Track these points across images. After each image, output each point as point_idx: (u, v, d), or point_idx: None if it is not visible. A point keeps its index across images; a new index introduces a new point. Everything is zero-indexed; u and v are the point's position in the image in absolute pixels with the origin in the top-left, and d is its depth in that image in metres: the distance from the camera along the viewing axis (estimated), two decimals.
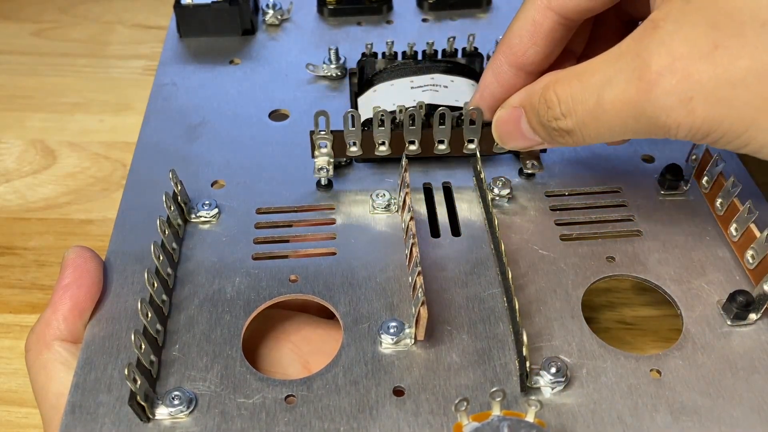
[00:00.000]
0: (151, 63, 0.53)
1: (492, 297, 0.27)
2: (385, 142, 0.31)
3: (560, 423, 0.23)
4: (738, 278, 0.27)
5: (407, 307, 0.27)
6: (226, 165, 0.33)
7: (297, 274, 0.28)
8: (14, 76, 0.52)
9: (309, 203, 0.31)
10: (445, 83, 0.34)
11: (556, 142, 0.26)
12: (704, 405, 0.24)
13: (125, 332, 0.26)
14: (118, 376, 0.25)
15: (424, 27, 0.42)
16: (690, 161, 0.31)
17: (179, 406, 0.24)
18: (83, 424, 0.23)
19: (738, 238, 0.27)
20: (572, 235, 0.29)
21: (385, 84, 0.35)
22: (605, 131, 0.24)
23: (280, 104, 0.37)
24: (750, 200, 0.27)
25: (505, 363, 0.25)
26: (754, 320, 0.26)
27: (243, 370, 0.25)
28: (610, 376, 0.25)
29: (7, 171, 0.46)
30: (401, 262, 0.28)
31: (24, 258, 0.41)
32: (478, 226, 0.30)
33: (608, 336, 0.30)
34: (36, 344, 0.25)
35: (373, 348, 0.26)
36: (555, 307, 0.27)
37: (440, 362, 0.25)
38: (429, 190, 0.32)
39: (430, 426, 0.23)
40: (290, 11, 0.43)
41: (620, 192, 0.31)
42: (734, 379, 0.24)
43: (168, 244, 0.28)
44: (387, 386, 0.24)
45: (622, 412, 0.24)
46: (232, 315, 0.27)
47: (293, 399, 0.24)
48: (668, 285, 0.27)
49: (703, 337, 0.26)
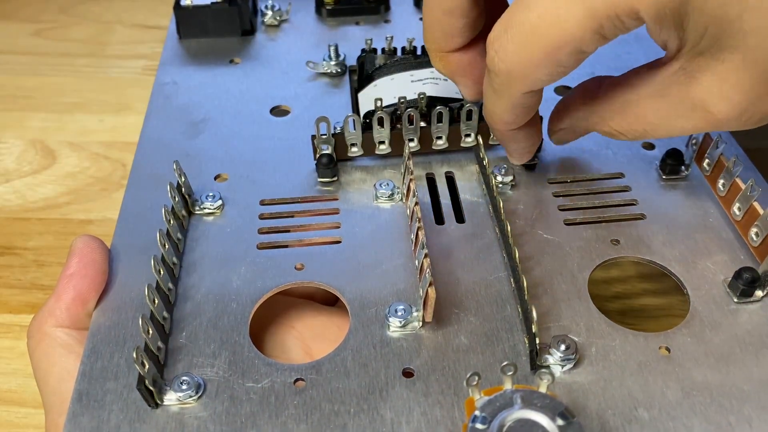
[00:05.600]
0: (151, 63, 0.53)
1: (498, 281, 0.27)
2: (385, 141, 0.32)
3: (572, 400, 0.23)
4: (743, 258, 0.28)
5: (414, 292, 0.27)
6: (229, 159, 0.33)
7: (302, 262, 0.28)
8: (14, 76, 0.53)
9: (312, 194, 0.31)
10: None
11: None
12: (714, 380, 0.24)
13: (131, 322, 0.26)
14: (125, 364, 0.24)
15: (421, 25, 0.42)
16: (690, 146, 0.31)
17: (188, 391, 0.23)
18: (91, 411, 0.23)
19: (741, 217, 0.28)
20: (576, 220, 0.30)
21: (386, 78, 0.35)
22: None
23: (281, 101, 0.37)
24: (752, 179, 0.27)
25: (514, 344, 0.25)
26: (761, 297, 0.26)
27: (251, 356, 0.25)
28: (620, 354, 0.25)
29: (7, 171, 0.45)
30: (406, 249, 0.28)
31: (24, 258, 0.40)
32: (481, 212, 0.30)
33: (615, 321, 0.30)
34: (38, 332, 0.25)
35: (381, 332, 0.25)
36: (561, 288, 0.27)
37: (449, 344, 0.25)
38: (432, 180, 0.32)
39: (440, 406, 0.23)
40: (289, 12, 0.43)
41: (622, 178, 0.31)
42: (743, 354, 0.24)
43: (173, 233, 0.28)
44: (396, 368, 0.24)
45: (633, 388, 0.23)
46: (238, 303, 0.27)
47: (302, 383, 0.24)
48: (673, 266, 0.28)
49: (710, 315, 0.26)
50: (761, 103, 0.22)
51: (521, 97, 0.26)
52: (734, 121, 0.23)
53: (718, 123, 0.23)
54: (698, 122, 0.24)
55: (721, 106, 0.23)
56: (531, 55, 0.23)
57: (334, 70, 0.38)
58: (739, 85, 0.22)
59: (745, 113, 0.23)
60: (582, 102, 0.28)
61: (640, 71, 0.25)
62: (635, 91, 0.25)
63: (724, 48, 0.22)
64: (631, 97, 0.25)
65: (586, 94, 0.28)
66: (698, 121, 0.24)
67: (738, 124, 0.23)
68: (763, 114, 0.23)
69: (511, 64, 0.24)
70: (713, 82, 0.23)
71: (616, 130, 0.26)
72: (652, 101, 0.25)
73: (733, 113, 0.23)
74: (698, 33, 0.22)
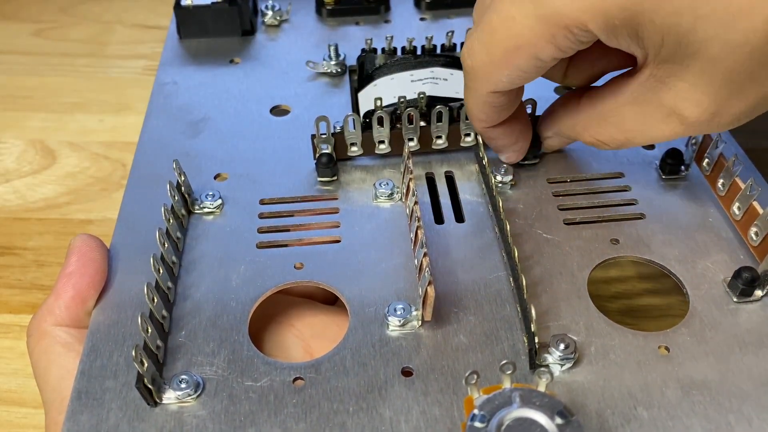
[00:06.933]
0: (151, 63, 0.53)
1: (498, 280, 0.27)
2: (384, 141, 0.32)
3: (571, 399, 0.23)
4: (742, 257, 0.27)
5: (413, 291, 0.27)
6: (229, 158, 0.33)
7: (302, 262, 0.28)
8: (14, 76, 0.53)
9: (312, 193, 0.31)
10: (445, 76, 0.34)
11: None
12: (714, 379, 0.24)
13: (130, 320, 0.26)
14: (124, 363, 0.24)
15: (421, 26, 0.42)
16: (690, 145, 0.31)
17: (186, 389, 0.23)
18: (90, 409, 0.23)
19: (741, 216, 0.28)
20: (576, 219, 0.30)
21: (386, 78, 0.35)
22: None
23: (281, 101, 0.37)
24: (752, 178, 0.27)
25: (513, 343, 0.25)
26: (760, 297, 0.26)
27: (250, 355, 0.25)
28: (619, 353, 0.25)
29: (7, 171, 0.46)
30: (406, 249, 0.28)
31: (23, 258, 0.40)
32: (481, 212, 0.30)
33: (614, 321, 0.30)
34: (37, 330, 0.25)
35: (380, 330, 0.25)
36: (561, 288, 0.27)
37: (448, 343, 0.25)
38: (432, 179, 0.32)
39: (439, 404, 0.23)
40: (289, 12, 0.43)
41: (622, 177, 0.31)
42: (743, 353, 0.24)
43: (173, 232, 0.28)
44: (395, 367, 0.24)
45: (633, 387, 0.23)
46: (237, 301, 0.27)
47: (301, 381, 0.24)
48: (673, 265, 0.28)
49: (710, 314, 0.26)
50: (729, 105, 0.23)
51: (488, 95, 0.26)
52: (706, 124, 0.23)
53: (692, 127, 0.24)
54: (674, 127, 0.24)
55: (692, 109, 0.23)
56: (491, 56, 0.24)
57: (334, 70, 0.38)
58: (707, 90, 0.22)
59: (715, 116, 0.23)
60: (564, 112, 0.29)
61: (617, 80, 0.26)
62: (614, 99, 0.26)
63: (686, 55, 0.22)
64: (610, 106, 0.26)
65: (569, 105, 0.29)
66: (674, 126, 0.24)
67: (710, 127, 0.24)
68: (733, 116, 0.23)
69: (475, 63, 0.25)
70: (682, 86, 0.23)
71: (597, 140, 0.27)
72: (629, 108, 0.25)
73: (703, 116, 0.23)
74: (656, 43, 0.22)
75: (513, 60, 0.24)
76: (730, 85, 0.22)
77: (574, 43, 0.23)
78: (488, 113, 0.28)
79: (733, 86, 0.22)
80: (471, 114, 0.29)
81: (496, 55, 0.24)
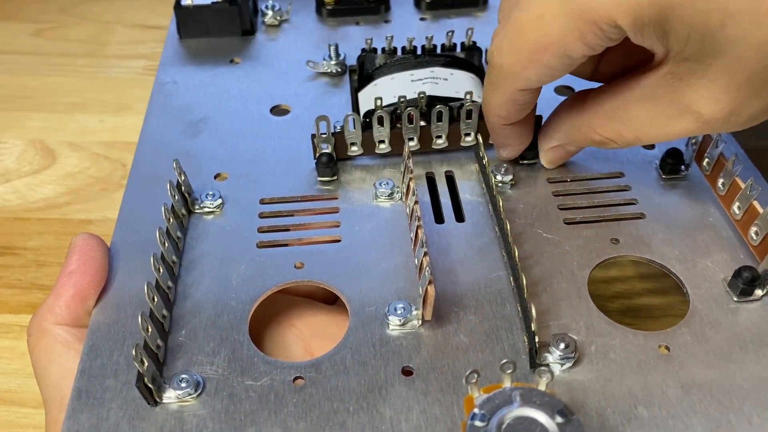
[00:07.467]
0: (151, 63, 0.53)
1: (498, 279, 0.27)
2: (384, 141, 0.32)
3: (571, 398, 0.23)
4: (743, 257, 0.27)
5: (413, 291, 0.27)
6: (229, 158, 0.33)
7: (302, 261, 0.28)
8: (14, 76, 0.53)
9: (312, 193, 0.31)
10: (445, 76, 0.34)
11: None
12: (714, 378, 0.24)
13: (131, 320, 0.26)
14: (124, 362, 0.24)
15: (422, 26, 0.42)
16: (690, 145, 0.31)
17: (187, 388, 0.23)
18: (90, 408, 0.23)
19: (741, 216, 0.28)
20: (576, 219, 0.30)
21: (386, 78, 0.35)
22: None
23: (281, 100, 0.37)
24: (752, 177, 0.27)
25: (514, 342, 0.25)
26: (761, 296, 0.26)
27: (251, 354, 0.25)
28: (619, 353, 0.25)
29: (7, 171, 0.46)
30: (406, 248, 0.28)
31: (23, 258, 0.40)
32: (481, 211, 0.30)
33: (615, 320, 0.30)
34: (38, 329, 0.25)
35: (380, 330, 0.25)
36: (561, 287, 0.27)
37: (448, 343, 0.25)
38: (432, 179, 0.32)
39: (440, 404, 0.23)
40: (289, 12, 0.43)
41: (622, 177, 0.31)
42: (743, 353, 0.24)
43: (173, 232, 0.28)
44: (395, 366, 0.24)
45: (633, 387, 0.23)
46: (238, 301, 0.27)
47: (301, 381, 0.24)
48: (673, 265, 0.28)
49: (710, 313, 0.26)
50: (748, 104, 0.23)
51: (515, 93, 0.26)
52: (722, 122, 0.23)
53: (707, 125, 0.24)
54: (687, 124, 0.24)
55: (709, 107, 0.23)
56: (519, 54, 0.24)
57: (334, 70, 0.38)
58: (727, 88, 0.22)
59: (732, 115, 0.23)
60: (568, 114, 0.29)
61: (627, 78, 0.26)
62: (623, 96, 0.26)
63: (709, 53, 0.22)
64: (620, 103, 0.26)
65: (574, 106, 0.28)
66: (687, 123, 0.24)
67: (726, 125, 0.24)
68: (750, 115, 0.23)
69: (504, 61, 0.25)
70: (702, 84, 0.23)
71: (606, 137, 0.27)
72: (641, 105, 0.25)
73: (721, 114, 0.23)
74: (681, 41, 0.22)
75: (542, 58, 0.24)
76: (751, 85, 0.22)
77: (603, 39, 0.23)
78: (511, 110, 0.28)
79: (754, 85, 0.22)
80: (491, 111, 0.28)
81: (525, 53, 0.24)
